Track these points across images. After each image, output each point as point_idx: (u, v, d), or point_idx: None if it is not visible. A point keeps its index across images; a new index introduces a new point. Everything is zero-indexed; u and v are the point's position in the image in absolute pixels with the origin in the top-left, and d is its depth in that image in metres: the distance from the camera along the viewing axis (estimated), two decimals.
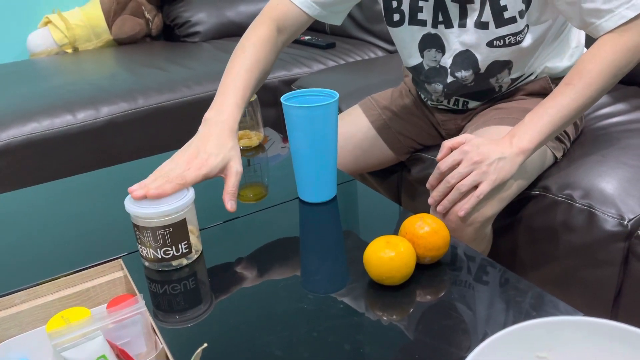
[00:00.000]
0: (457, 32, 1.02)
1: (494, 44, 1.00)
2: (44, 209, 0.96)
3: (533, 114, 0.90)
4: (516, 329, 0.46)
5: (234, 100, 0.89)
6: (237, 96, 0.90)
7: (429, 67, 1.09)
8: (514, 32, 0.98)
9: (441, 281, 0.70)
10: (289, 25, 1.04)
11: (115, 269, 0.77)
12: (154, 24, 2.50)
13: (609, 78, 0.88)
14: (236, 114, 0.88)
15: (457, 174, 0.87)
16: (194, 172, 0.78)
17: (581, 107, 0.89)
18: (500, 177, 0.87)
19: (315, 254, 0.77)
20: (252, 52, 0.97)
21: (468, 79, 1.06)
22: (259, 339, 0.62)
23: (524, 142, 0.88)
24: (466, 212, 0.88)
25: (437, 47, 1.05)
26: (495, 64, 1.03)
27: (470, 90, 1.09)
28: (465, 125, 1.17)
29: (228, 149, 0.83)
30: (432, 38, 1.05)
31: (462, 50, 1.03)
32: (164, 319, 0.67)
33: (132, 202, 0.74)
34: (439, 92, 1.11)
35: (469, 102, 1.13)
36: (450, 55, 1.05)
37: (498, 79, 1.06)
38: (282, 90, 1.93)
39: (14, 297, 0.70)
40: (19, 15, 2.47)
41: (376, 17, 2.18)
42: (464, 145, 0.88)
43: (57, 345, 0.57)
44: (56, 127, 1.64)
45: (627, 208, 0.97)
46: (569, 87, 0.88)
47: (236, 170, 0.82)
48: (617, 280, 1.00)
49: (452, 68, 1.06)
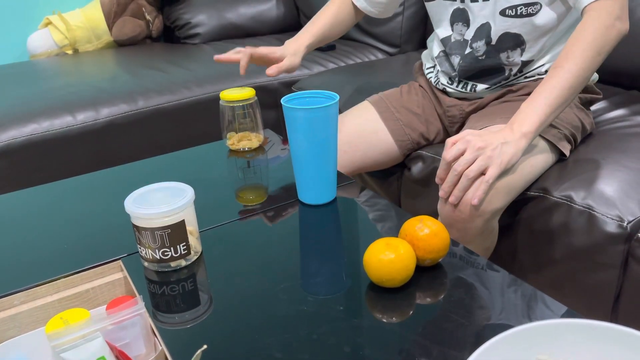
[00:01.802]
0: (481, 5, 1.09)
1: (506, 13, 1.06)
2: (44, 210, 0.96)
3: (529, 100, 0.94)
4: (516, 331, 0.46)
5: (307, 34, 1.24)
6: (310, 32, 1.25)
7: (455, 40, 1.17)
8: (527, 3, 1.04)
9: (441, 283, 0.70)
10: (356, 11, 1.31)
11: (114, 270, 0.76)
12: (154, 26, 2.51)
13: (593, 56, 0.93)
14: (306, 40, 1.23)
15: (464, 161, 0.89)
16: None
17: (573, 86, 0.93)
18: (505, 161, 0.89)
19: (315, 256, 0.77)
20: (329, 7, 1.30)
21: (480, 49, 1.12)
22: (259, 341, 0.62)
23: (525, 127, 0.91)
24: (480, 199, 0.89)
25: (464, 22, 1.14)
26: (506, 36, 1.09)
27: (481, 65, 1.14)
28: (470, 111, 1.21)
29: (290, 49, 1.20)
30: (461, 12, 1.13)
31: (483, 23, 1.10)
32: (163, 320, 0.67)
33: (132, 203, 0.74)
34: (455, 64, 1.17)
35: (477, 84, 1.17)
36: (473, 29, 1.12)
37: (509, 56, 1.11)
38: (282, 92, 1.93)
39: (13, 298, 0.70)
40: (19, 17, 2.47)
41: (377, 19, 2.18)
42: (467, 135, 0.91)
43: (56, 347, 0.57)
44: (56, 129, 1.64)
45: (627, 210, 0.97)
46: (558, 69, 0.93)
47: (290, 63, 1.19)
48: (616, 282, 1.00)
49: (472, 40, 1.13)
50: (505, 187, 0.93)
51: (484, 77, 1.16)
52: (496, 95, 1.17)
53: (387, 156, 1.27)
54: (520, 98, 1.12)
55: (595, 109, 1.32)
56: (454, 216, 0.93)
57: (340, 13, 1.29)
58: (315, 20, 1.28)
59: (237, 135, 1.14)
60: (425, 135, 1.28)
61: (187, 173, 1.06)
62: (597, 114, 1.30)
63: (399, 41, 2.16)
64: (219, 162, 1.10)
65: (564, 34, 1.09)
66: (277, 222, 0.87)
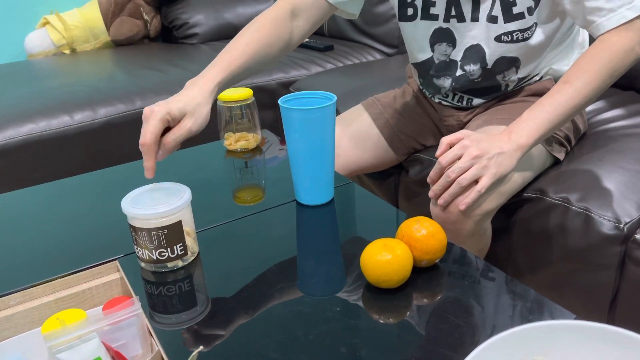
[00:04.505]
0: (469, 26, 1.04)
1: (501, 39, 1.02)
2: (41, 210, 0.95)
3: (531, 110, 0.91)
4: (512, 332, 0.46)
5: (219, 67, 0.91)
6: (222, 65, 0.91)
7: (439, 61, 1.11)
8: (522, 29, 1.00)
9: (438, 284, 0.70)
10: (307, 8, 1.04)
11: (111, 271, 0.76)
12: (152, 26, 2.50)
13: (606, 78, 0.89)
14: (216, 77, 0.89)
15: (458, 168, 0.88)
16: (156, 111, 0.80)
17: (578, 105, 0.90)
18: (500, 172, 0.88)
19: (312, 256, 0.77)
20: (257, 27, 0.99)
21: (475, 73, 1.08)
22: (255, 342, 0.62)
23: (522, 138, 0.89)
24: (467, 205, 0.88)
25: (448, 41, 1.08)
26: (502, 60, 1.05)
27: (476, 86, 1.11)
28: (466, 122, 1.18)
29: (193, 101, 0.84)
30: (444, 32, 1.07)
31: (473, 44, 1.05)
32: (160, 321, 0.67)
33: (128, 203, 0.74)
34: (447, 86, 1.13)
35: (474, 99, 1.15)
36: (461, 49, 1.07)
37: (505, 76, 1.08)
38: (280, 92, 1.93)
39: (9, 298, 0.70)
40: (17, 16, 2.47)
41: (374, 20, 2.19)
42: (464, 140, 0.89)
43: (53, 347, 0.56)
44: (53, 128, 1.63)
45: (624, 212, 0.98)
46: (567, 86, 0.90)
47: (190, 125, 0.83)
48: (613, 283, 1.00)
49: (462, 62, 1.08)
50: (496, 191, 0.92)
51: (480, 93, 1.13)
52: (494, 103, 1.15)
53: (383, 160, 1.26)
54: (521, 99, 1.11)
55: (592, 109, 1.32)
56: (444, 217, 0.93)
57: (271, 34, 0.98)
58: (233, 46, 0.95)
59: (234, 136, 1.14)
60: (420, 141, 1.27)
61: (184, 173, 1.06)
62: (594, 114, 1.30)
63: (397, 42, 2.16)
64: (216, 163, 1.10)
65: (559, 42, 1.06)
66: (274, 222, 0.87)
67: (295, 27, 1.03)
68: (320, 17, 1.06)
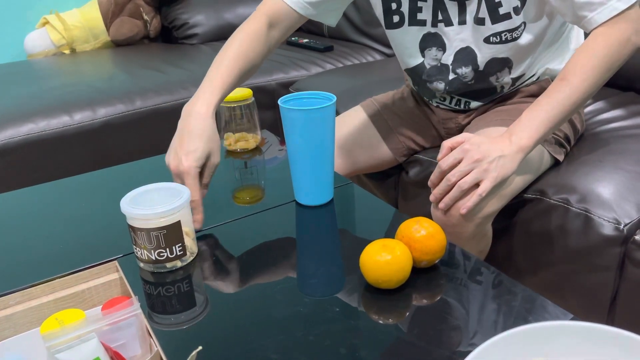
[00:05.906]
0: (457, 30, 1.03)
1: (490, 40, 1.02)
2: (40, 210, 0.95)
3: (530, 111, 0.91)
4: (512, 333, 0.46)
5: (211, 89, 0.91)
6: (214, 85, 0.92)
7: (430, 66, 1.11)
8: (510, 29, 0.99)
9: (437, 285, 0.70)
10: (281, 21, 1.05)
11: (110, 271, 0.76)
12: (152, 26, 2.50)
13: (603, 72, 0.89)
14: (212, 101, 0.90)
15: (458, 172, 0.88)
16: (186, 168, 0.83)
17: (577, 102, 0.89)
18: (501, 175, 0.88)
19: (311, 257, 0.77)
20: (239, 44, 0.99)
21: (468, 75, 1.07)
22: (255, 342, 0.62)
23: (523, 140, 0.88)
24: (468, 209, 0.88)
25: (438, 46, 1.07)
26: (493, 61, 1.05)
27: (471, 89, 1.10)
28: (465, 124, 1.18)
29: (205, 135, 0.86)
30: (433, 37, 1.07)
31: (462, 47, 1.05)
32: (159, 321, 0.67)
33: (128, 204, 0.73)
34: (441, 90, 1.12)
35: (471, 102, 1.14)
36: (451, 53, 1.07)
37: (498, 77, 1.08)
38: (280, 92, 1.93)
39: (9, 298, 0.70)
40: (17, 16, 2.47)
41: (374, 20, 2.19)
42: (465, 144, 0.89)
43: (51, 347, 0.56)
44: (53, 128, 1.63)
45: (624, 213, 0.98)
46: (564, 83, 0.89)
47: (213, 163, 0.87)
48: (613, 284, 1.00)
49: (454, 65, 1.08)
50: (497, 194, 0.92)
51: (476, 96, 1.13)
52: (492, 105, 1.15)
53: (382, 160, 1.26)
54: (519, 100, 1.11)
55: (592, 110, 1.32)
56: (445, 220, 0.92)
57: (255, 48, 1.00)
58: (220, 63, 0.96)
59: (234, 136, 1.14)
60: (419, 142, 1.27)
61: None
62: (594, 115, 1.30)
63: None
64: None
65: (552, 41, 1.06)
66: (273, 223, 0.87)
67: (272, 38, 1.05)
68: (293, 26, 1.08)
